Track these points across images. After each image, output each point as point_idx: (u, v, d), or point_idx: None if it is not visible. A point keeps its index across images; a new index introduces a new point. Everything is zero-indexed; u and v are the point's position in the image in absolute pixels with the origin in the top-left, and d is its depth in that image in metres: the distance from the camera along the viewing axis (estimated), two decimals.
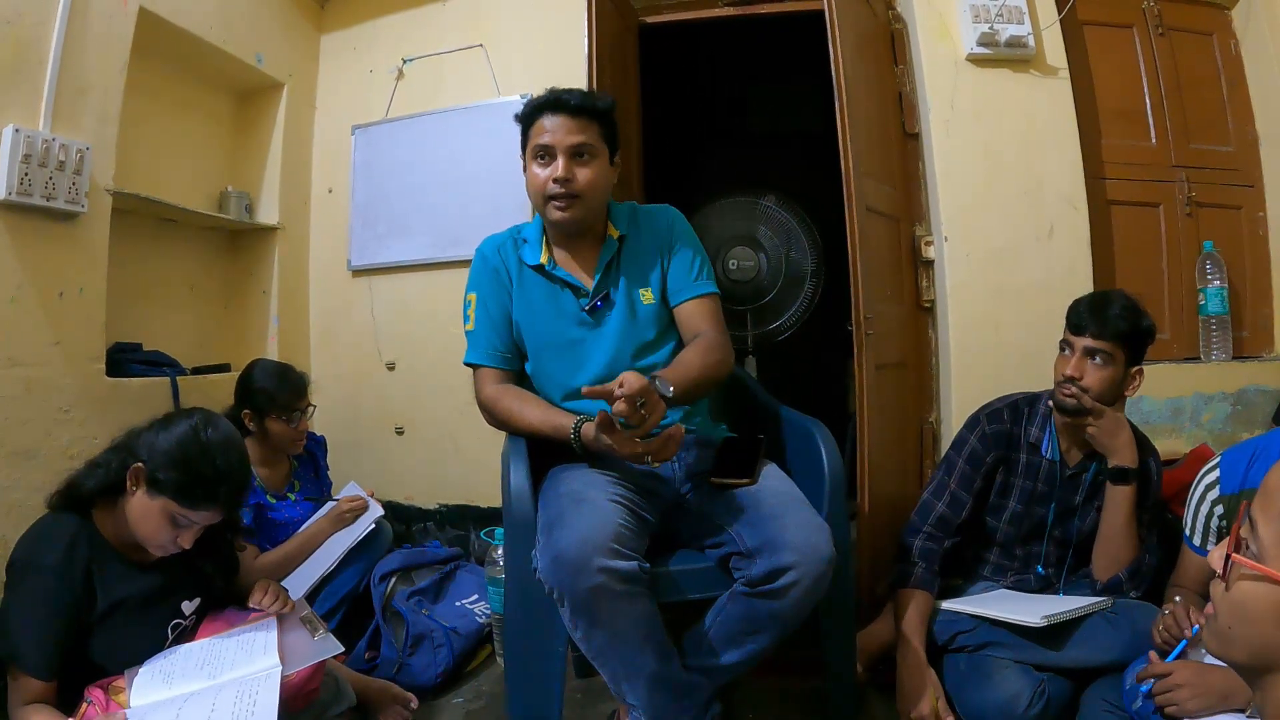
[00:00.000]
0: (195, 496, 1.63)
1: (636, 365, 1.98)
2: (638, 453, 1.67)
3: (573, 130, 1.93)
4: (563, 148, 1.92)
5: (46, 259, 2.33)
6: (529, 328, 2.03)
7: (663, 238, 2.11)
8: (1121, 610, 1.96)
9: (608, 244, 2.07)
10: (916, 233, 2.98)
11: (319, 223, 3.62)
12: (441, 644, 2.42)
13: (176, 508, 1.63)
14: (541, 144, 1.94)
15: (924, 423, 2.97)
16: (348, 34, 3.62)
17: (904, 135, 3.03)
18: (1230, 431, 2.87)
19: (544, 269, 2.04)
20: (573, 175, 1.93)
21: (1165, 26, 3.15)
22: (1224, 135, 3.19)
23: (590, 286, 2.03)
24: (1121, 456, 1.99)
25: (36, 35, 2.29)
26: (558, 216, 1.96)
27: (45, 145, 2.26)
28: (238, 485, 1.73)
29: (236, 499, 1.75)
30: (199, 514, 1.66)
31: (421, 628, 2.44)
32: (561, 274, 2.03)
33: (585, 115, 1.95)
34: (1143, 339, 2.02)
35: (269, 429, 2.60)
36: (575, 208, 1.95)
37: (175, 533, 1.66)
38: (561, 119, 1.93)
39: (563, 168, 1.92)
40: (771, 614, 1.68)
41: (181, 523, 1.65)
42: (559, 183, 1.92)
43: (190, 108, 3.24)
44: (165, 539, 1.66)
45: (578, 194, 1.94)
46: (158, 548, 1.68)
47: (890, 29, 3.06)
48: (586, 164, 1.95)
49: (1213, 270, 2.98)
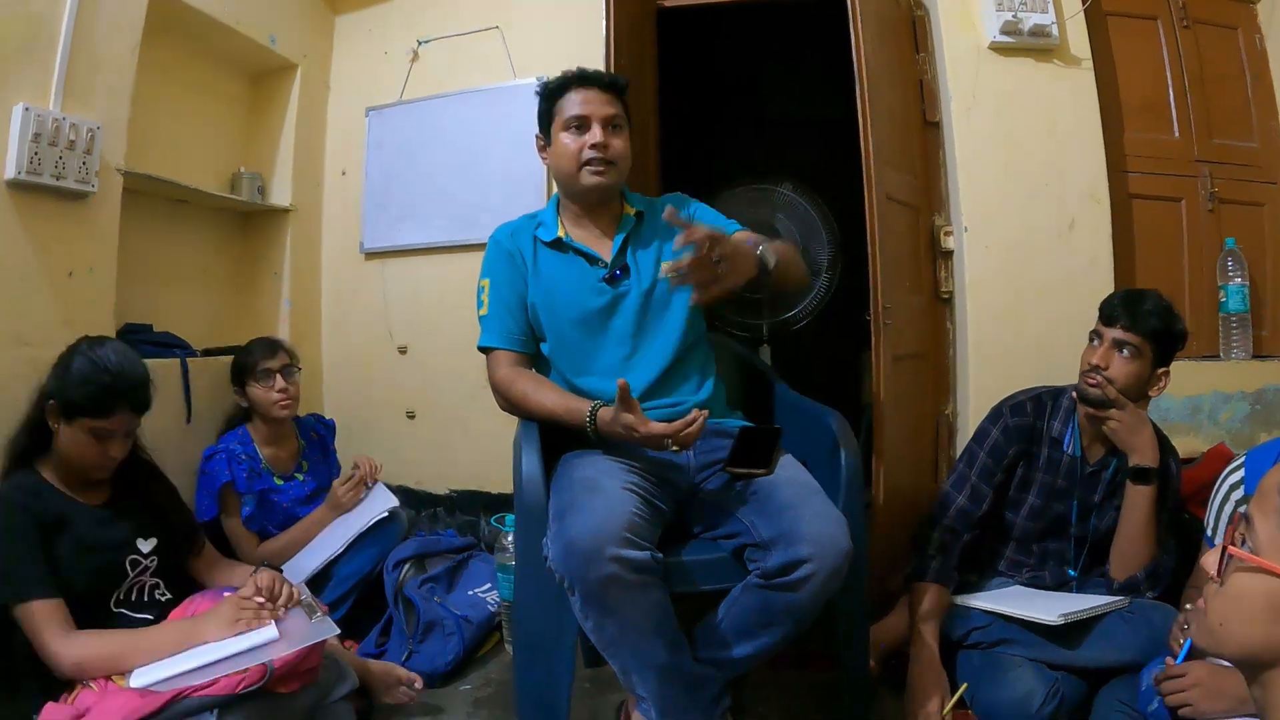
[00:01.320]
0: (102, 404, 1.76)
1: (657, 337, 2.03)
2: (658, 434, 1.69)
3: (607, 103, 2.01)
4: (599, 117, 1.99)
5: (56, 238, 2.32)
6: (547, 304, 2.04)
7: (681, 211, 2.14)
8: (1138, 610, 1.94)
9: (625, 220, 2.11)
10: (936, 223, 2.95)
11: (332, 205, 3.60)
12: (453, 632, 2.42)
13: (92, 422, 1.75)
14: (576, 114, 2.00)
15: (940, 415, 2.95)
16: (362, 15, 3.59)
17: (924, 124, 3.00)
18: (1248, 431, 2.85)
19: (562, 242, 2.08)
20: (609, 143, 2.00)
21: (1190, 19, 3.11)
22: (1247, 130, 3.15)
23: (608, 258, 2.06)
24: (1143, 455, 1.97)
25: (48, 13, 2.27)
26: (593, 181, 2.01)
27: (56, 124, 2.24)
28: (136, 382, 1.83)
29: (141, 396, 1.84)
30: (114, 419, 1.78)
31: (433, 615, 2.44)
32: (579, 246, 2.07)
33: (615, 91, 2.05)
34: (1173, 340, 2.00)
35: (253, 399, 2.64)
36: (610, 173, 2.01)
37: (103, 447, 1.78)
38: (595, 92, 2.02)
39: (601, 134, 1.99)
40: (786, 607, 1.67)
41: (102, 434, 1.77)
42: (596, 148, 1.99)
43: (203, 88, 3.22)
44: (97, 456, 1.79)
45: (614, 160, 2.01)
46: (97, 468, 1.81)
47: (912, 15, 3.02)
48: (618, 135, 2.03)
49: (1234, 267, 2.94)
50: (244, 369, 2.66)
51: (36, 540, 1.68)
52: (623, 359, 2.01)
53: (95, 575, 1.77)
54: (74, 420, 1.76)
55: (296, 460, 2.75)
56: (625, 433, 1.73)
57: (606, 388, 1.87)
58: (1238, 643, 0.96)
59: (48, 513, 1.73)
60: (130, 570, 1.83)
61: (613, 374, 1.90)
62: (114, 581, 1.80)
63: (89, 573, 1.75)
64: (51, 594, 1.65)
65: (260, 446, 2.65)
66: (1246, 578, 0.94)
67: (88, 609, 1.73)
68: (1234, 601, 0.96)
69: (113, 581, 1.80)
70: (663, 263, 1.99)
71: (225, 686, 1.55)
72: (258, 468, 2.60)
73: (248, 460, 2.58)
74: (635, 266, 2.06)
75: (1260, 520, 0.93)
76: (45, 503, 1.75)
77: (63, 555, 1.71)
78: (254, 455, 2.62)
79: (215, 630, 1.67)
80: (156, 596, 1.88)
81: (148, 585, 1.87)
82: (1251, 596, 0.93)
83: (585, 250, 2.06)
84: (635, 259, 2.07)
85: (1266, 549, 0.92)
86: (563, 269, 2.06)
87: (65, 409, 1.76)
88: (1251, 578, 0.93)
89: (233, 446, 2.58)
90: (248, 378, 2.65)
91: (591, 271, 2.05)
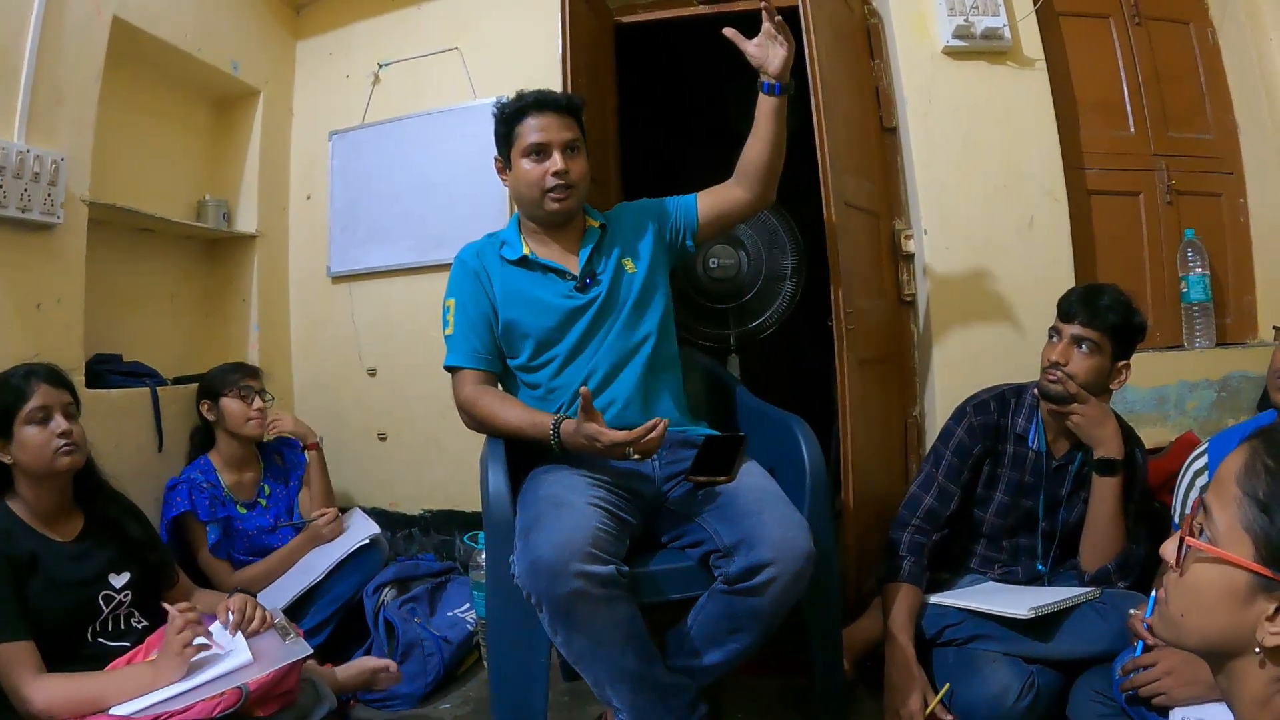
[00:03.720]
0: (20, 389, 1.80)
1: (631, 334, 2.07)
2: (619, 441, 1.71)
3: (563, 127, 2.06)
4: (558, 143, 2.04)
5: (23, 271, 2.32)
6: (519, 317, 2.06)
7: (639, 211, 2.24)
8: (1110, 600, 1.95)
9: (589, 233, 2.15)
10: (896, 227, 2.97)
11: (298, 230, 3.59)
12: (432, 652, 2.43)
13: (23, 414, 1.78)
14: (535, 142, 2.04)
15: (907, 417, 2.96)
16: (323, 40, 3.59)
17: (882, 129, 3.01)
18: (1215, 418, 2.87)
19: (528, 259, 2.11)
20: (569, 168, 2.04)
21: (1142, 16, 3.15)
22: (1203, 123, 3.19)
23: (576, 271, 2.09)
24: (1107, 448, 1.99)
25: (9, 45, 2.27)
26: (555, 208, 2.06)
27: (20, 156, 2.24)
28: (41, 365, 1.89)
29: (52, 371, 1.88)
30: (39, 399, 1.80)
31: (413, 636, 2.45)
32: (546, 262, 2.10)
33: (570, 113, 2.08)
34: (1132, 334, 2.02)
35: (224, 411, 2.65)
36: (572, 198, 2.07)
37: (48, 433, 1.79)
38: (551, 117, 2.05)
39: (561, 161, 2.03)
40: (751, 611, 1.68)
41: (38, 418, 1.79)
42: (558, 175, 2.03)
43: (166, 116, 3.22)
44: (49, 441, 1.79)
45: (574, 184, 2.06)
46: (59, 453, 1.79)
47: (866, 23, 3.05)
48: (577, 157, 2.08)
49: (1194, 258, 2.98)
50: (220, 382, 2.68)
51: (8, 580, 1.67)
52: (593, 366, 2.03)
53: (68, 613, 1.76)
54: (11, 428, 1.77)
55: (258, 485, 2.74)
56: (588, 443, 1.74)
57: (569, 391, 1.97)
58: (1200, 634, 0.95)
59: (20, 551, 1.72)
60: (104, 606, 1.83)
61: (582, 381, 1.95)
62: (89, 617, 1.80)
63: (62, 610, 1.75)
64: (21, 636, 1.64)
65: (222, 473, 2.65)
66: (1205, 568, 0.93)
67: (63, 642, 1.73)
68: (1194, 593, 0.95)
69: (87, 617, 1.80)
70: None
71: (201, 711, 1.57)
72: (220, 495, 2.60)
73: (210, 489, 2.57)
74: (603, 271, 2.10)
75: (1218, 510, 0.93)
76: (16, 541, 1.73)
77: (35, 594, 1.71)
78: (216, 483, 2.61)
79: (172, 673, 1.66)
80: (133, 624, 1.88)
81: (123, 615, 1.87)
82: (1210, 587, 0.92)
83: (553, 265, 2.09)
84: (603, 265, 2.11)
85: (1225, 539, 0.91)
86: (531, 284, 2.09)
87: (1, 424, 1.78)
88: (1210, 568, 0.92)
89: (194, 475, 2.58)
90: (223, 390, 2.66)
91: (561, 284, 2.08)
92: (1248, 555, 0.89)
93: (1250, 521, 0.89)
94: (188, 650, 1.67)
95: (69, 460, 1.80)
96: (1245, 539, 0.89)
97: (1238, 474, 0.92)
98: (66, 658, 1.71)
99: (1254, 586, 0.88)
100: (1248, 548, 0.89)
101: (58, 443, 1.79)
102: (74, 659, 1.73)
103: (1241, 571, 0.89)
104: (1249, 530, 0.89)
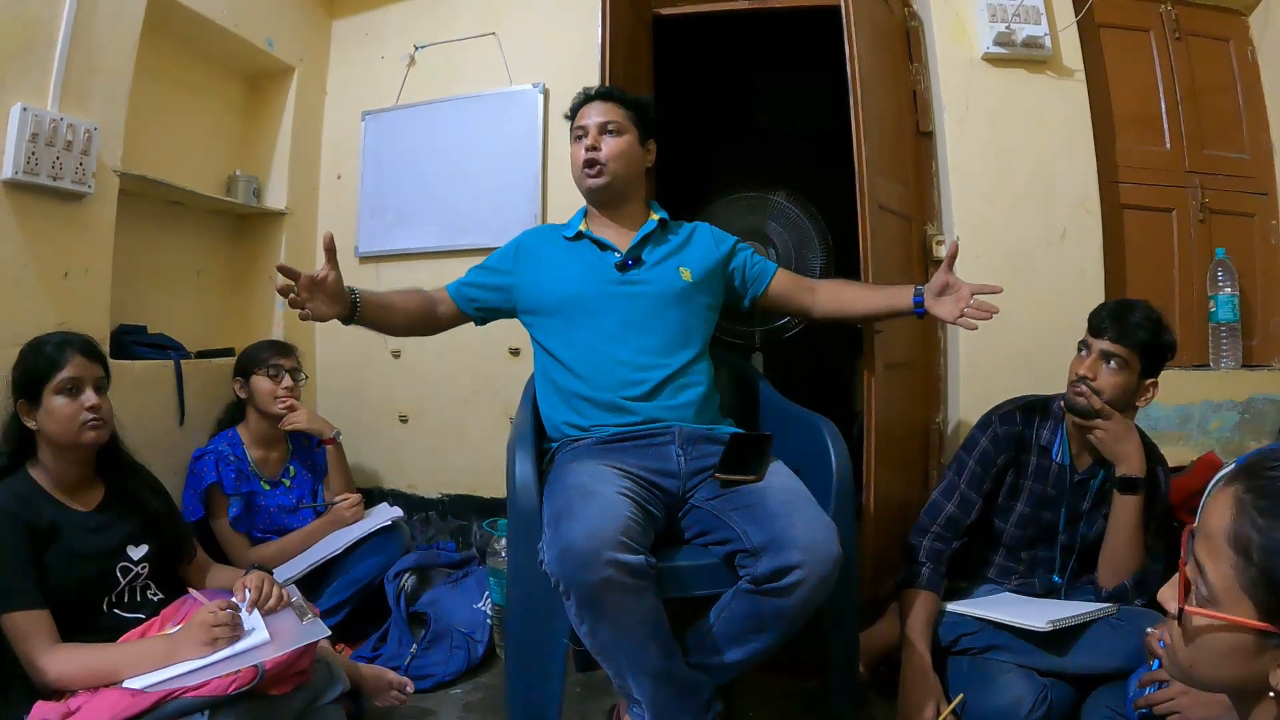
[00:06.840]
0: (54, 359, 1.80)
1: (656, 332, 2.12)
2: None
3: (601, 111, 2.20)
4: (593, 125, 2.18)
5: (52, 239, 2.33)
6: (558, 284, 2.17)
7: (718, 238, 2.34)
8: (1127, 617, 1.94)
9: (648, 223, 2.25)
10: (928, 231, 2.96)
11: (327, 209, 3.60)
12: (459, 647, 2.45)
13: (54, 383, 1.79)
14: (578, 125, 2.22)
15: (930, 423, 2.95)
16: (360, 19, 3.60)
17: (917, 134, 3.00)
18: (1238, 440, 2.86)
19: (581, 234, 2.25)
20: (599, 145, 2.16)
21: (1182, 31, 3.13)
22: (1238, 142, 3.17)
23: (624, 250, 2.19)
24: (1130, 465, 1.98)
25: (46, 14, 2.28)
26: (590, 183, 2.19)
27: (53, 124, 2.25)
28: (76, 335, 1.89)
29: (87, 343, 1.88)
30: (71, 366, 1.81)
31: (443, 627, 2.49)
32: (596, 237, 2.22)
33: (612, 100, 2.23)
34: (1161, 352, 2.01)
35: (254, 388, 2.67)
36: (604, 174, 2.17)
37: (77, 405, 1.79)
38: (594, 104, 2.22)
39: (591, 137, 2.17)
40: (776, 612, 1.68)
41: (69, 388, 1.80)
42: (589, 150, 2.17)
43: (200, 91, 3.23)
44: (76, 415, 1.79)
45: (604, 161, 2.16)
46: (85, 427, 1.80)
47: (906, 26, 3.03)
48: (614, 136, 2.18)
49: (1224, 277, 2.96)
50: (253, 360, 2.70)
51: (26, 549, 1.68)
52: (618, 345, 2.08)
53: (86, 583, 1.77)
54: (41, 395, 1.78)
55: (284, 465, 2.76)
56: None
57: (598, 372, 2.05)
58: (1212, 682, 0.95)
59: (39, 519, 1.73)
60: (121, 577, 1.84)
61: (607, 357, 2.06)
62: (105, 588, 1.81)
63: (80, 581, 1.76)
64: (36, 605, 1.65)
65: (249, 448, 2.67)
66: (1208, 627, 0.91)
67: (79, 612, 1.73)
68: (1199, 650, 0.93)
69: (104, 588, 1.81)
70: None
71: (216, 687, 1.56)
72: (245, 470, 2.62)
73: (236, 462, 2.59)
74: (651, 258, 2.19)
75: (1211, 568, 0.90)
76: (37, 509, 1.74)
77: (53, 563, 1.72)
78: (243, 457, 2.63)
79: (193, 651, 1.66)
80: (149, 596, 1.89)
81: (139, 587, 1.88)
82: (1215, 644, 0.91)
83: (602, 240, 2.21)
84: (653, 254, 2.21)
85: (1224, 599, 0.89)
86: (573, 254, 2.22)
87: (29, 390, 1.79)
88: (1213, 627, 0.90)
89: (221, 448, 2.60)
90: (255, 368, 2.68)
91: (604, 256, 2.20)
92: (1249, 614, 0.87)
93: (1249, 584, 0.86)
94: (219, 644, 1.67)
95: (94, 435, 1.81)
96: (1244, 598, 0.87)
97: (1228, 532, 0.89)
98: (81, 628, 1.71)
99: (1260, 641, 0.87)
100: (1247, 606, 0.87)
101: (85, 416, 1.79)
102: (89, 630, 1.73)
103: (1246, 630, 0.87)
104: (1247, 591, 0.87)
